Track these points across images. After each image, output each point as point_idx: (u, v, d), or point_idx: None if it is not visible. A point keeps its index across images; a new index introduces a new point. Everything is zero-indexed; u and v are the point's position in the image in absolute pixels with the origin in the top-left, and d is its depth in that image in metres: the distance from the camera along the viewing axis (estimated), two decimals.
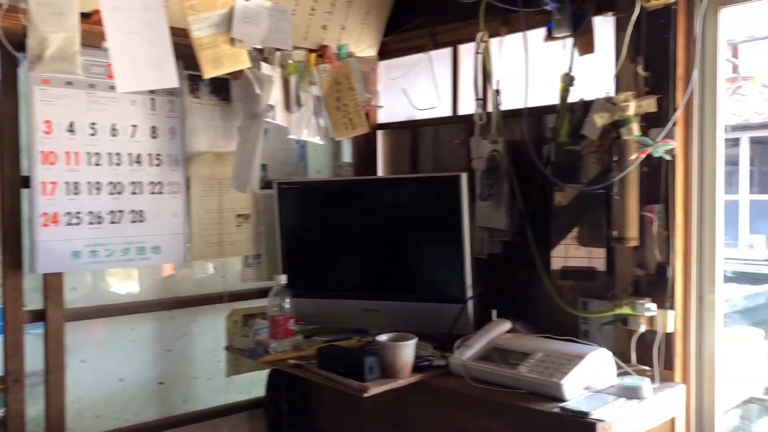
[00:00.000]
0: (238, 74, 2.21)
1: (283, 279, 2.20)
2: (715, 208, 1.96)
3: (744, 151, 12.78)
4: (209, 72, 2.04)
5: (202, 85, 2.34)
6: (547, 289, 2.16)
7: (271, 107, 2.25)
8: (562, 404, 1.71)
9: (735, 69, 12.29)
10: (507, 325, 2.13)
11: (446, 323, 2.22)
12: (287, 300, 2.18)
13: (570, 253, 2.16)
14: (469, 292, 2.23)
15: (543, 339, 2.02)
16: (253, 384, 2.59)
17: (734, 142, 12.83)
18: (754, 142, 12.81)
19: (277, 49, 2.29)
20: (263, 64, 2.24)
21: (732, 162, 13.22)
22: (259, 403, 2.57)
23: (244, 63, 2.12)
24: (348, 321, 2.42)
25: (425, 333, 2.18)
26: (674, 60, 1.91)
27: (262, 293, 2.40)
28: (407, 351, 1.94)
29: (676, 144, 1.91)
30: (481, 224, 2.39)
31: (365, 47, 2.71)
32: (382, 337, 1.98)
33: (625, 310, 1.98)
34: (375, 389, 1.85)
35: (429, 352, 2.12)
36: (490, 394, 1.85)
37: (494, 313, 2.17)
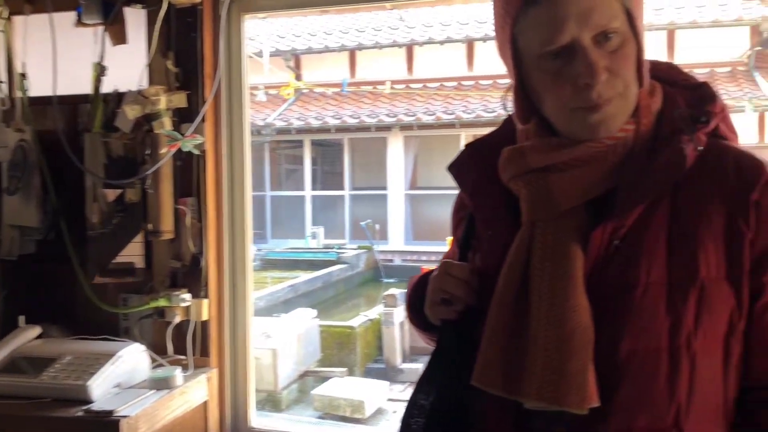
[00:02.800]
0: None
1: None
2: (245, 202, 2.11)
3: (307, 152, 14.26)
4: None
5: None
6: (84, 288, 2.05)
7: None
8: (87, 406, 1.64)
9: (299, 77, 13.59)
10: (36, 331, 1.96)
11: None
12: None
13: (109, 249, 2.08)
14: None
15: (75, 341, 1.91)
16: None
17: (298, 144, 14.22)
18: (315, 144, 14.38)
19: None
20: None
21: (298, 162, 14.65)
22: None
23: None
24: None
25: None
26: (202, 58, 1.99)
27: None
28: None
29: (205, 140, 2.00)
30: (10, 222, 2.15)
31: None
32: None
33: (161, 303, 1.99)
34: None
35: None
36: (10, 408, 1.67)
37: (21, 319, 1.97)
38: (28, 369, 1.78)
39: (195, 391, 1.91)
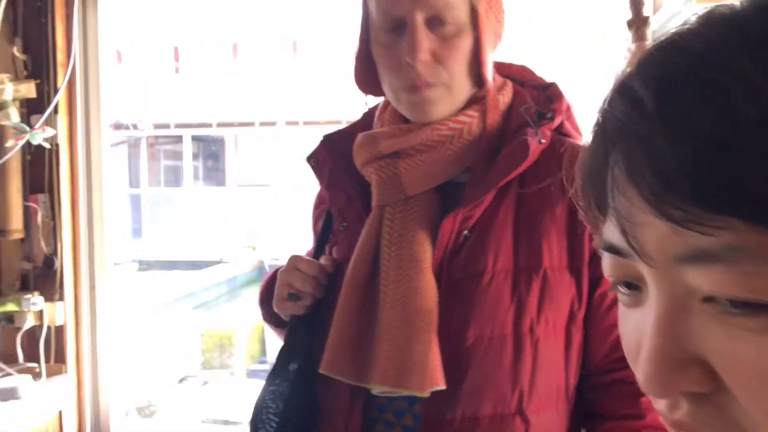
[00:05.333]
0: None
1: None
2: (102, 197, 2.00)
3: (187, 148, 13.82)
4: None
5: None
6: None
7: None
8: None
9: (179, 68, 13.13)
10: None
11: None
12: None
13: None
14: None
15: None
16: None
17: (178, 139, 13.76)
18: (195, 139, 13.96)
19: None
20: None
21: (178, 157, 14.17)
22: None
23: None
24: None
25: None
26: (54, 45, 1.87)
27: None
28: None
29: (58, 132, 1.87)
30: None
31: None
32: None
33: (9, 307, 1.85)
34: None
35: None
36: None
37: None
38: None
39: (48, 400, 1.79)
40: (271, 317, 1.08)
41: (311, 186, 1.12)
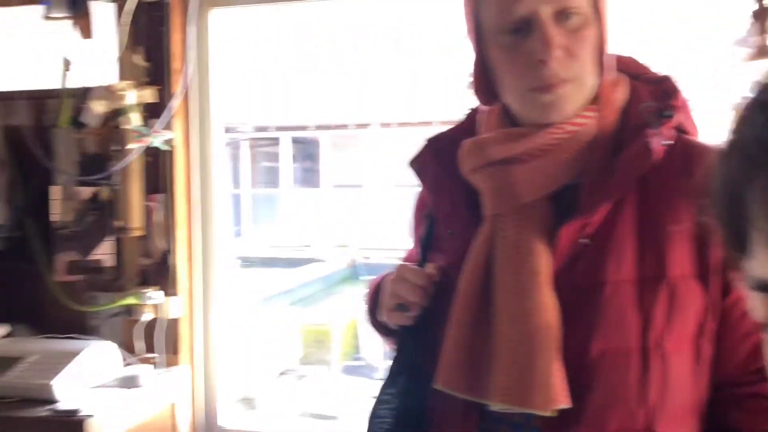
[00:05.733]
0: None
1: None
2: (214, 198, 2.09)
3: (285, 149, 14.18)
4: None
5: None
6: (51, 286, 2.02)
7: None
8: (52, 405, 1.61)
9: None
10: (3, 330, 1.93)
11: None
12: None
13: (79, 247, 2.05)
14: None
15: (42, 340, 1.88)
16: None
17: (275, 141, 14.14)
18: (295, 141, 14.30)
19: None
20: None
21: (275, 159, 14.57)
22: None
23: None
24: None
25: None
26: (169, 53, 1.97)
27: None
28: None
29: (175, 135, 1.97)
30: None
31: None
32: None
33: (130, 300, 1.96)
34: None
35: None
36: None
37: None
38: None
39: (164, 390, 1.89)
40: (378, 326, 1.07)
41: (405, 187, 1.11)
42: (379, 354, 7.33)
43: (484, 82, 0.94)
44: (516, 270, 0.88)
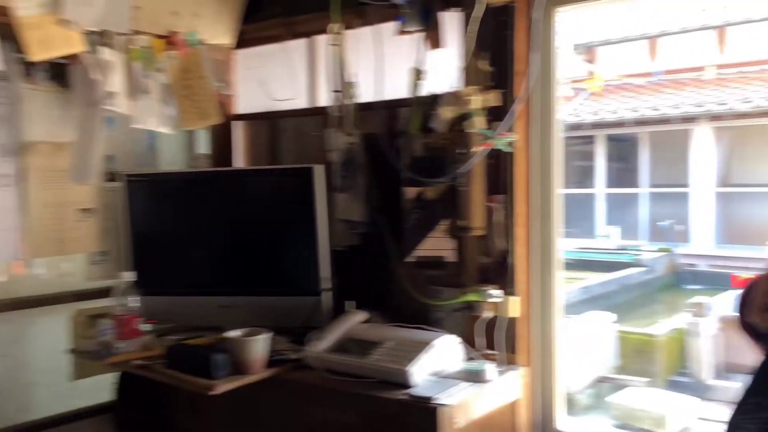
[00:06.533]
0: (75, 58, 2.07)
1: (128, 276, 2.09)
2: (552, 198, 2.06)
3: (600, 148, 13.67)
4: (36, 54, 1.90)
5: (39, 70, 2.17)
6: (400, 279, 2.20)
7: (112, 94, 2.13)
8: (408, 390, 1.74)
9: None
10: (362, 316, 2.14)
11: (303, 317, 2.20)
12: (134, 298, 2.07)
13: (424, 244, 2.20)
14: (325, 285, 2.23)
15: (395, 328, 2.05)
16: (99, 388, 2.45)
17: (590, 139, 13.68)
18: (610, 139, 13.71)
19: (120, 33, 2.18)
20: (103, 49, 2.12)
21: (589, 158, 14.11)
22: (107, 407, 2.44)
23: (76, 46, 1.99)
24: (203, 318, 2.34)
25: (283, 327, 2.15)
26: (512, 56, 2.00)
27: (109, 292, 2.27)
28: (257, 346, 1.90)
29: (517, 137, 1.99)
30: (340, 216, 2.39)
31: (220, 35, 2.63)
32: (233, 333, 1.93)
33: (472, 297, 2.04)
34: (222, 386, 1.80)
35: (284, 346, 2.10)
36: (341, 384, 1.85)
37: (348, 304, 2.18)
38: (356, 350, 1.95)
39: (506, 387, 1.92)
40: (748, 328, 0.97)
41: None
42: (709, 370, 6.64)
43: None
44: None
